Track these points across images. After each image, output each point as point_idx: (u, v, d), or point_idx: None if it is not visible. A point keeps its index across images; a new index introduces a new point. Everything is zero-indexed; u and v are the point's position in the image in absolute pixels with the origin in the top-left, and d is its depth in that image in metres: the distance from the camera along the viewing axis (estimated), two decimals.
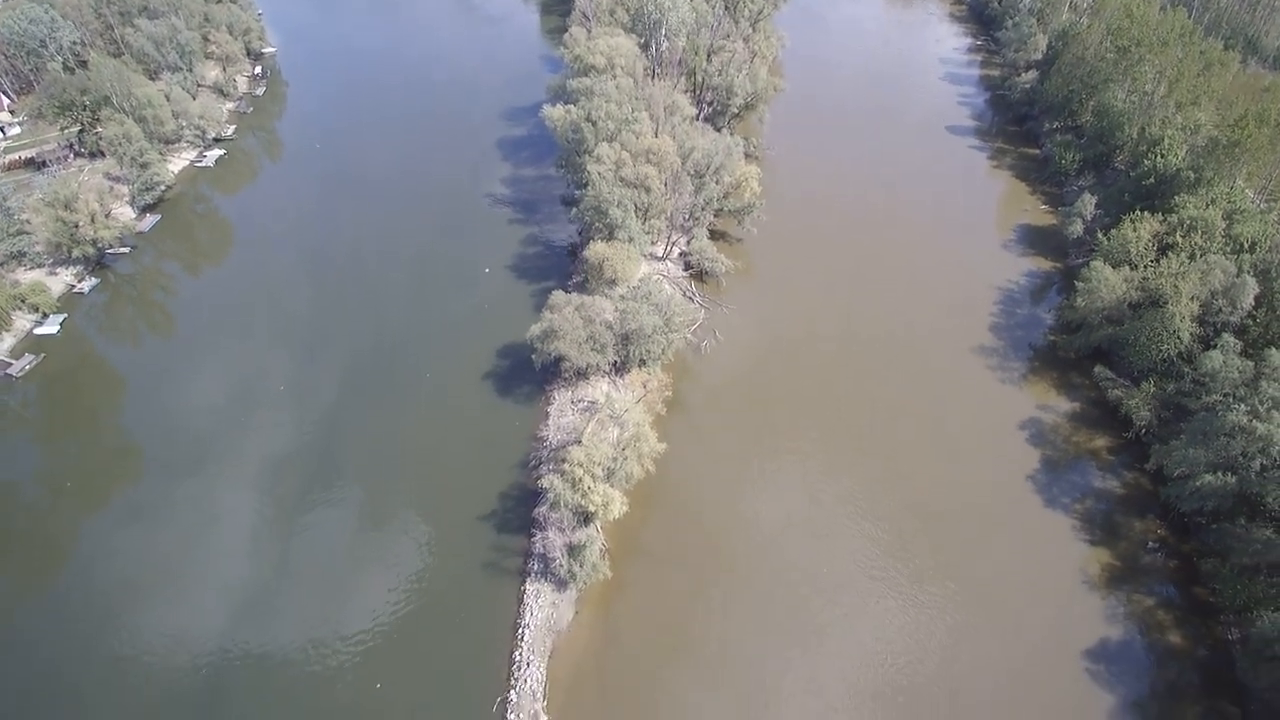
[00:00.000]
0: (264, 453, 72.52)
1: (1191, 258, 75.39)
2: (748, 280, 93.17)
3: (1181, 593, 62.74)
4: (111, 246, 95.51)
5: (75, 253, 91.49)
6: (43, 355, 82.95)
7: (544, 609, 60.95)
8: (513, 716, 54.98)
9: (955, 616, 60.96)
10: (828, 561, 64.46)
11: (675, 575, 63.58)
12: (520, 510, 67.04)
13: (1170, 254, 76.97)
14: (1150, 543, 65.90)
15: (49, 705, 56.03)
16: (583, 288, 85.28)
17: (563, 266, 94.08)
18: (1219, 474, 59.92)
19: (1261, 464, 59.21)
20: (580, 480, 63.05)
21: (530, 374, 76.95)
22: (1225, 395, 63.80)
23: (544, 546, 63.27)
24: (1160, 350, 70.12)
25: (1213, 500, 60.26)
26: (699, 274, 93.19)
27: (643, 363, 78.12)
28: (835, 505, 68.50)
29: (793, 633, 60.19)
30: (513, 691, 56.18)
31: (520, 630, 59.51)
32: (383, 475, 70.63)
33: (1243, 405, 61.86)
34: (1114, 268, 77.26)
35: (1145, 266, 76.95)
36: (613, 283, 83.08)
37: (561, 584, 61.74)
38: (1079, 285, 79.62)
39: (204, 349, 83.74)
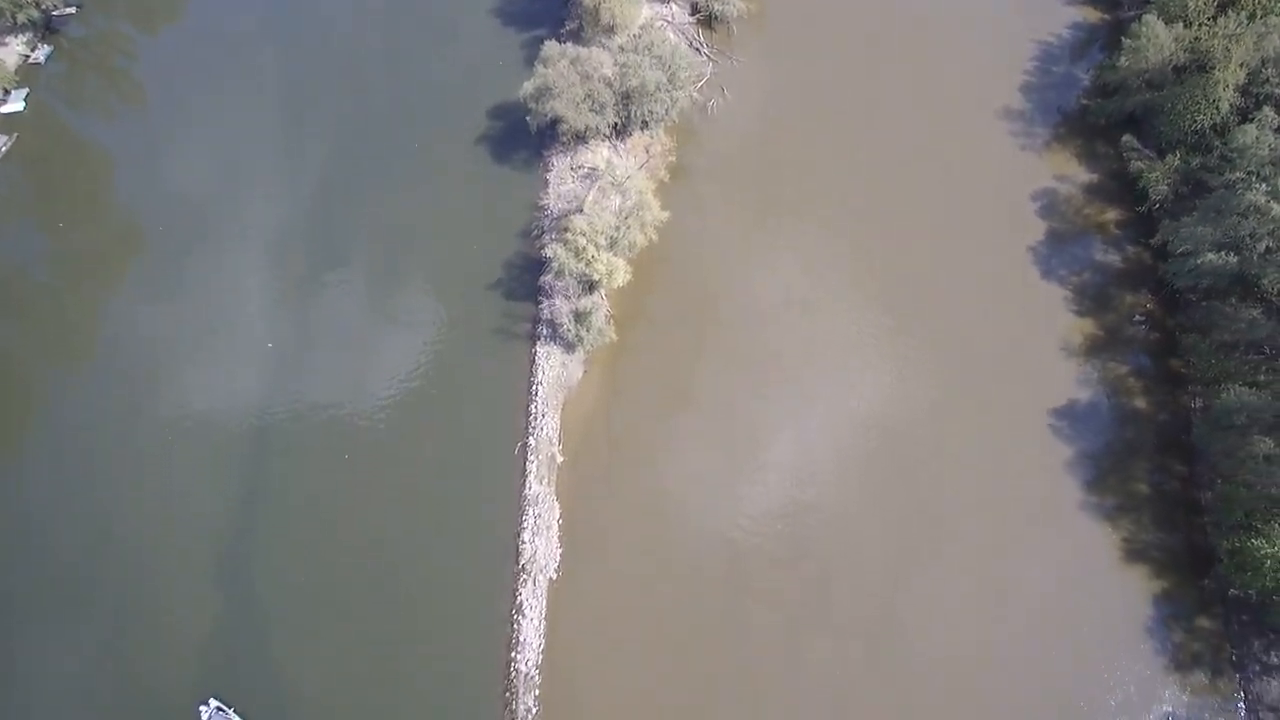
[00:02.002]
0: (265, 227, 72.49)
1: (1251, 18, 68.45)
2: (760, 28, 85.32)
3: (1156, 364, 66.14)
4: (56, 7, 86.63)
5: (20, 17, 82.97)
6: (16, 135, 78.93)
7: (554, 369, 65.10)
8: (532, 457, 61.74)
9: (940, 380, 64.96)
10: (823, 332, 67.17)
11: (676, 341, 66.87)
12: (526, 279, 68.52)
13: (1230, 11, 69.78)
14: (1137, 316, 68.00)
15: (110, 465, 62.95)
16: (577, 37, 78.53)
17: (554, 12, 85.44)
18: (1222, 253, 60.01)
19: (1267, 246, 59.03)
20: (584, 249, 63.82)
21: (526, 138, 73.77)
22: (1249, 173, 61.78)
23: (551, 313, 65.70)
24: (1195, 120, 66.45)
25: (1209, 279, 61.07)
26: (707, 19, 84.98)
27: (645, 125, 74.56)
28: (836, 279, 69.55)
29: (785, 396, 64.71)
30: (531, 438, 62.44)
31: (534, 387, 64.34)
32: (387, 246, 71.27)
33: (1264, 185, 60.09)
34: (1167, 24, 70.43)
35: (1200, 25, 70.12)
36: (611, 30, 76.34)
37: (570, 347, 65.20)
38: (1125, 42, 73.07)
39: (181, 118, 79.85)
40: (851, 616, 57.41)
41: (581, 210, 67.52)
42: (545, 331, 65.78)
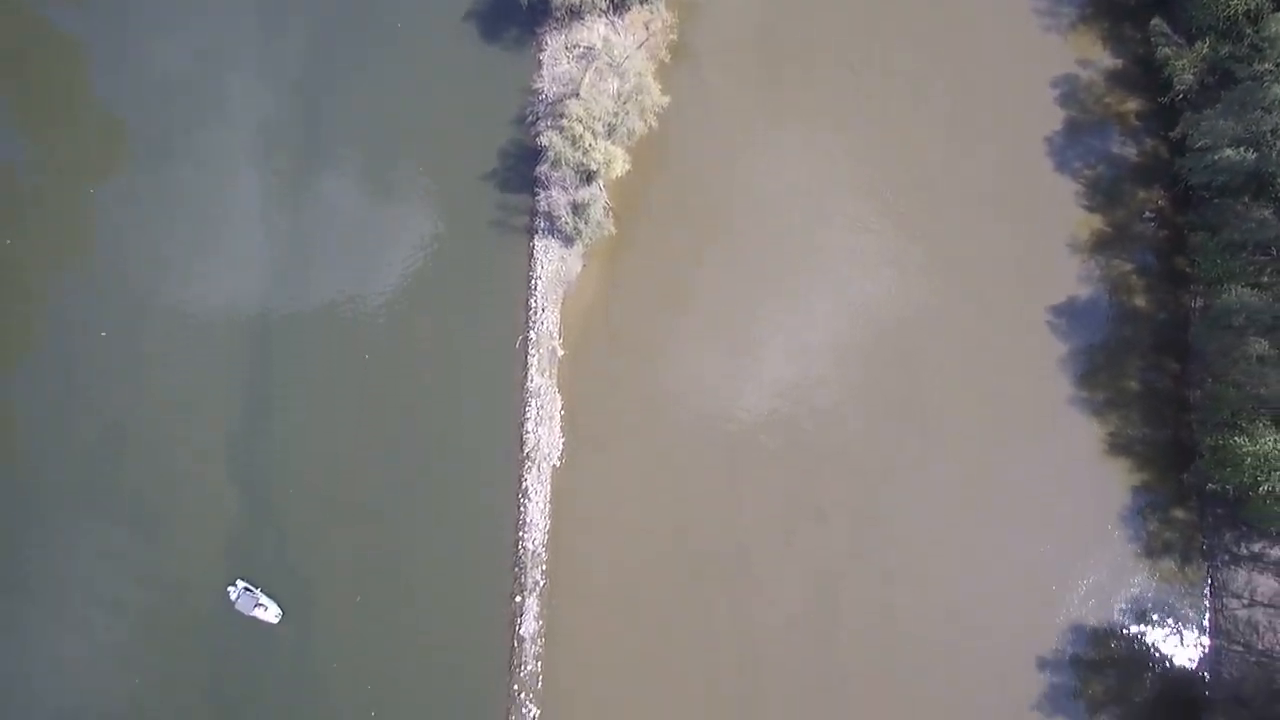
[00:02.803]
0: (248, 118, 69.19)
1: None
2: None
3: (1161, 262, 65.42)
4: None
5: None
6: None
7: (553, 263, 64.38)
8: (533, 351, 62.42)
9: (943, 276, 64.47)
10: (827, 227, 65.80)
11: (677, 234, 65.75)
12: (521, 169, 66.26)
13: None
14: (1148, 212, 66.56)
15: (118, 363, 63.74)
16: None
17: None
18: (1241, 149, 57.94)
19: None
20: (580, 137, 61.56)
21: (517, 13, 68.71)
22: (1278, 65, 58.68)
23: (548, 205, 64.11)
24: (1229, 3, 62.41)
25: (1225, 175, 59.21)
26: None
27: None
28: (842, 171, 67.44)
29: (785, 290, 64.38)
30: (531, 332, 62.82)
31: (533, 282, 63.94)
32: (375, 134, 68.59)
33: None
34: None
35: None
36: None
37: (568, 240, 64.10)
38: None
39: (158, 6, 73.67)
40: (840, 506, 59.86)
41: (578, 95, 64.40)
42: (543, 224, 64.46)
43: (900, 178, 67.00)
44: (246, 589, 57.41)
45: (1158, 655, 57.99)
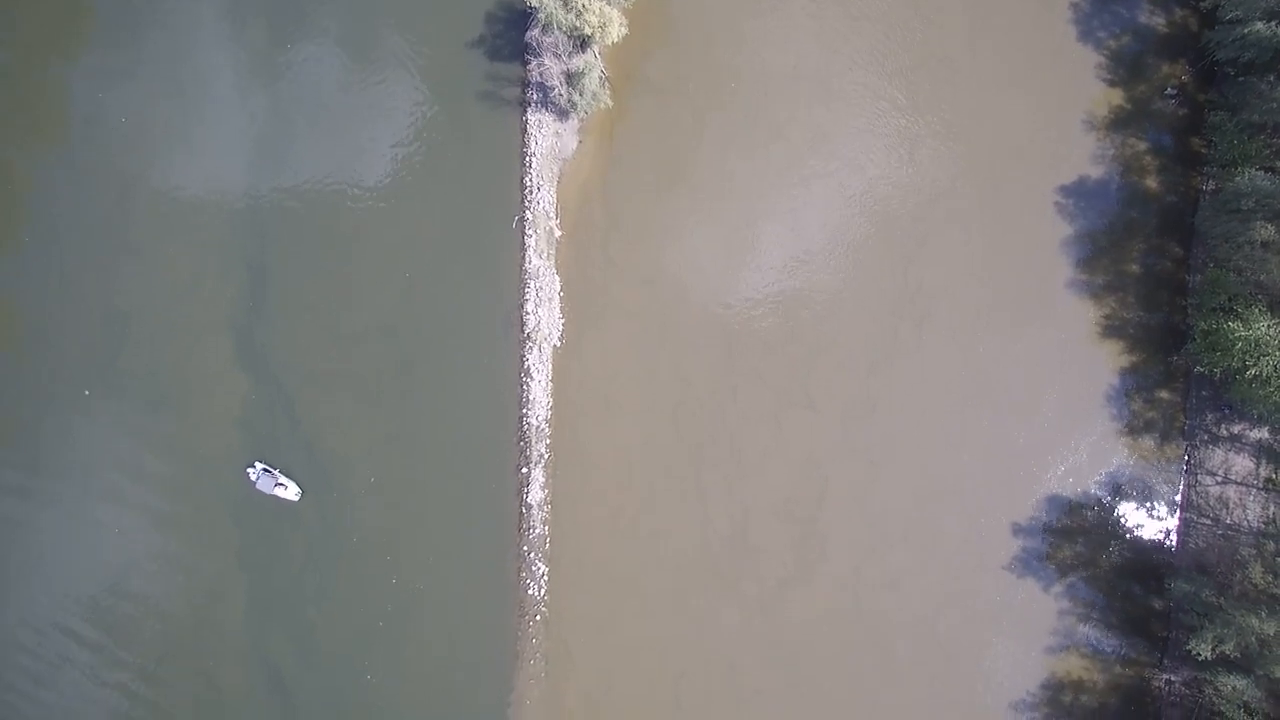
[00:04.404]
0: None
1: None
2: None
3: (1176, 142, 63.34)
4: None
5: None
6: None
7: (548, 138, 62.11)
8: (530, 231, 61.38)
9: (952, 156, 62.65)
10: (831, 114, 63.15)
11: (677, 109, 63.10)
12: (510, 34, 62.59)
13: None
14: (1169, 88, 63.69)
15: (110, 251, 62.74)
16: None
17: None
18: (1272, 24, 54.67)
19: None
20: None
21: None
22: None
23: (541, 74, 61.10)
24: None
25: (1252, 51, 56.19)
26: None
27: None
28: (850, 45, 63.79)
29: (786, 178, 62.63)
30: (527, 212, 61.49)
31: (527, 159, 61.86)
32: (355, 3, 64.12)
33: None
34: None
35: None
36: None
37: (563, 114, 61.63)
38: None
39: None
40: (831, 391, 61.17)
41: None
42: (535, 96, 61.60)
43: (915, 49, 63.66)
44: (265, 469, 59.34)
45: (1128, 526, 61.09)
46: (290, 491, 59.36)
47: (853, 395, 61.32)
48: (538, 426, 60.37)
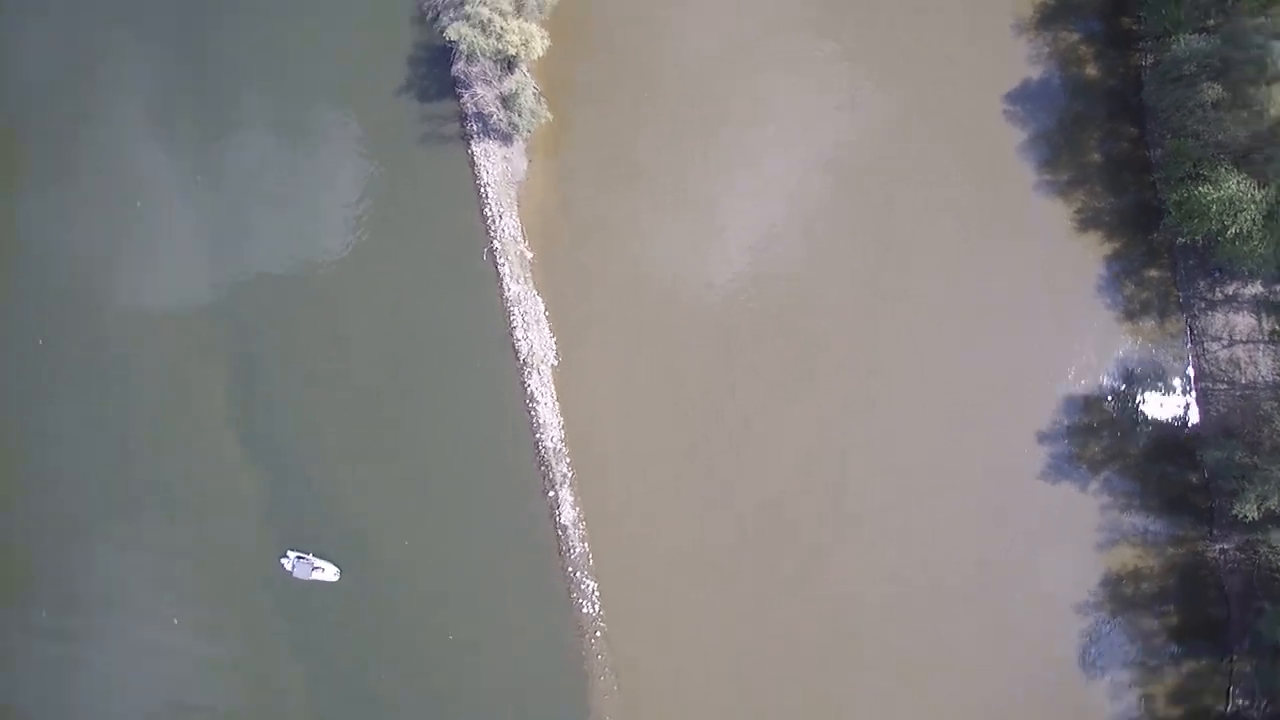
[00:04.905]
0: (142, 98, 64.58)
1: None
2: None
3: (1107, 25, 63.50)
4: None
5: None
6: None
7: (498, 165, 62.10)
8: (502, 260, 61.33)
9: (892, 96, 62.67)
10: (767, 81, 63.07)
11: (616, 107, 63.13)
12: (437, 73, 62.41)
13: None
14: None
15: (93, 371, 62.90)
16: None
17: None
18: None
19: None
20: (489, 21, 57.67)
21: None
22: None
23: (476, 105, 61.00)
24: None
25: None
26: None
27: None
28: (771, 18, 63.46)
29: (736, 153, 62.62)
30: (495, 241, 61.41)
31: (482, 190, 61.83)
32: (276, 80, 64.09)
33: None
34: None
35: None
36: None
37: (507, 138, 61.66)
38: None
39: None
40: (827, 349, 61.65)
41: None
42: (476, 127, 61.51)
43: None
44: (299, 557, 59.20)
45: (1148, 409, 61.43)
46: (328, 573, 59.21)
47: (851, 352, 61.58)
48: (555, 448, 60.34)
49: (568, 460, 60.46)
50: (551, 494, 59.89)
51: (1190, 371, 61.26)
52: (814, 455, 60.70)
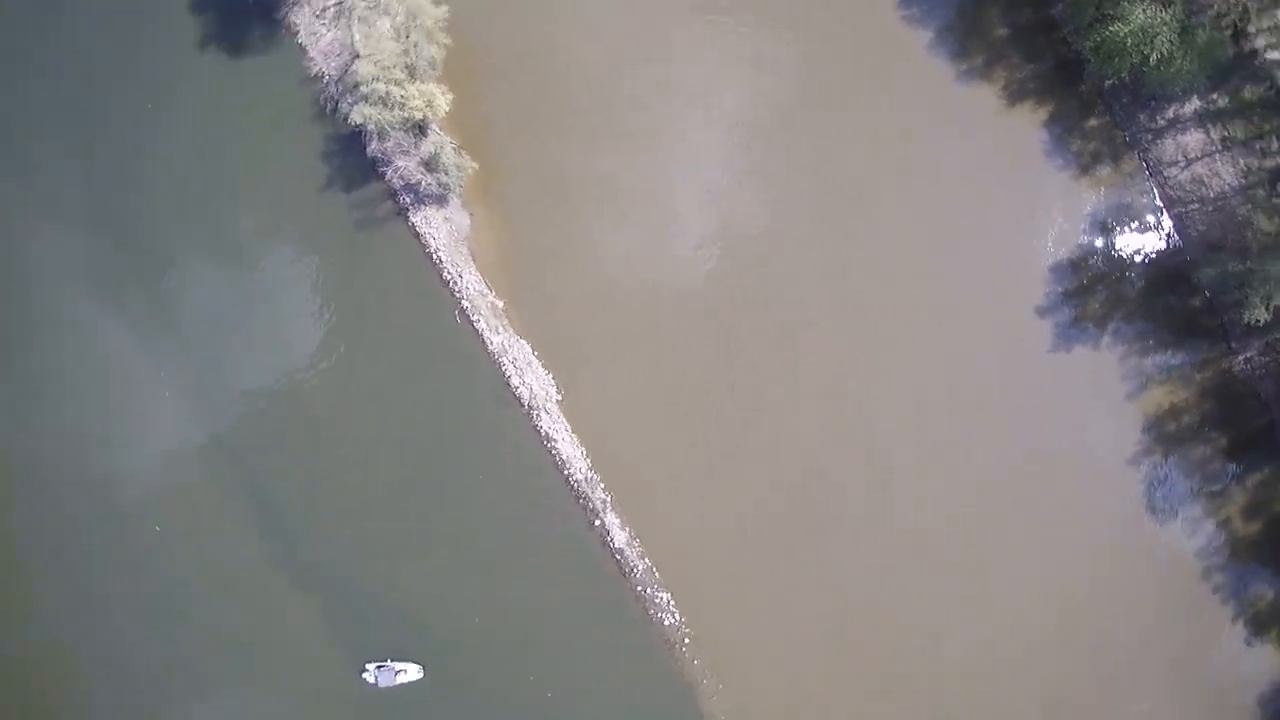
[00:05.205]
0: (64, 262, 63.29)
1: None
2: None
3: None
4: None
5: None
6: None
7: (441, 228, 61.82)
8: (476, 316, 61.05)
9: (792, 40, 62.60)
10: (675, 66, 62.75)
11: (535, 136, 62.80)
12: (353, 160, 62.01)
13: None
14: None
15: (110, 554, 61.95)
16: None
17: None
18: None
19: None
20: (388, 94, 57.43)
21: (247, 15, 62.25)
22: None
23: (401, 177, 60.71)
24: None
25: None
26: None
27: None
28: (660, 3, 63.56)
29: (665, 143, 62.65)
30: (463, 301, 61.26)
31: (434, 256, 61.60)
32: (197, 214, 63.27)
33: None
34: None
35: None
36: None
37: (441, 199, 61.41)
38: None
39: None
40: (822, 306, 61.93)
41: (358, 55, 59.25)
42: (408, 199, 61.25)
43: None
44: (379, 666, 58.55)
45: (1132, 251, 62.00)
46: (411, 673, 58.55)
47: (841, 298, 61.82)
48: (586, 478, 60.12)
49: (601, 486, 60.29)
50: (597, 523, 59.69)
51: (1159, 202, 61.82)
52: (833, 407, 60.80)
